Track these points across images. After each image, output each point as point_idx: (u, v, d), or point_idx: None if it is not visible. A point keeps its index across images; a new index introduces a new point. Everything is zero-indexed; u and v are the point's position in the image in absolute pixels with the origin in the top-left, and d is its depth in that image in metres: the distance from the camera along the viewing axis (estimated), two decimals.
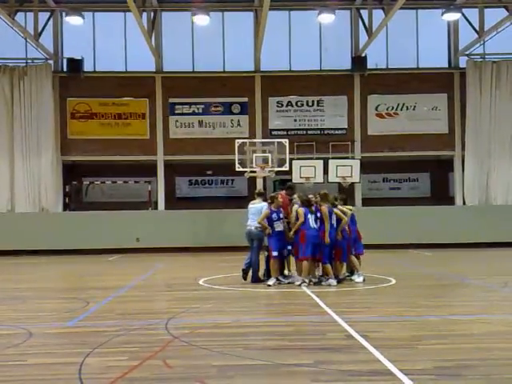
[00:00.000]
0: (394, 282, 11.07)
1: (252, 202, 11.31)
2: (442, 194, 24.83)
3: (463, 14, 22.19)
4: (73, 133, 23.40)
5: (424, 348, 5.62)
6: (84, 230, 21.33)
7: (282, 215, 10.83)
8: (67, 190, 23.88)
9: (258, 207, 11.01)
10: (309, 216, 10.46)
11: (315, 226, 10.48)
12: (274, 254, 10.62)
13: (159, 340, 6.09)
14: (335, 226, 10.68)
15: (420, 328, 6.66)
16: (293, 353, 5.51)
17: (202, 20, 21.09)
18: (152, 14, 22.54)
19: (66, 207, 23.61)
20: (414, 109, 23.71)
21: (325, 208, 10.63)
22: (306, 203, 10.66)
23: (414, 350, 5.54)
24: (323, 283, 10.52)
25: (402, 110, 23.74)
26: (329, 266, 10.56)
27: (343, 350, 5.57)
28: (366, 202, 23.22)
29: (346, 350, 5.60)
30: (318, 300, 8.75)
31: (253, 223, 10.95)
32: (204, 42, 23.52)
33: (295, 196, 11.42)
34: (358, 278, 11.01)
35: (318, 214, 10.66)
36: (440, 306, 8.29)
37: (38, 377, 4.85)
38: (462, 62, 23.82)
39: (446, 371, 4.83)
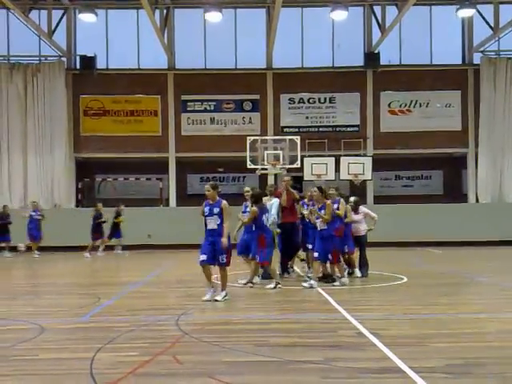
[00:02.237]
0: (405, 279, 11.02)
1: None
2: (454, 192, 24.65)
3: (478, 10, 22.01)
4: (85, 130, 23.55)
5: (435, 346, 5.59)
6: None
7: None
8: (80, 186, 24.04)
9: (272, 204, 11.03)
10: (264, 218, 10.00)
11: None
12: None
13: (170, 336, 6.11)
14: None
15: (431, 326, 6.62)
16: (303, 350, 5.50)
17: (214, 17, 21.10)
18: (164, 11, 22.60)
19: (78, 204, 23.77)
20: (427, 106, 23.56)
21: (343, 204, 10.72)
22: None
23: (425, 348, 5.51)
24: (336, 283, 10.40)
25: (415, 106, 23.60)
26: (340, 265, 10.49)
27: (353, 348, 5.55)
28: (378, 199, 23.13)
29: (357, 347, 5.58)
30: (328, 297, 8.73)
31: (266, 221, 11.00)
32: (216, 39, 23.53)
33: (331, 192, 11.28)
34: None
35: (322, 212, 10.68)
36: (452, 304, 8.23)
37: (50, 371, 4.89)
38: (476, 58, 23.65)
39: (457, 369, 4.80)
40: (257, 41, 23.63)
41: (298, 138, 20.22)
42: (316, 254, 10.02)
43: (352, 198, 11.88)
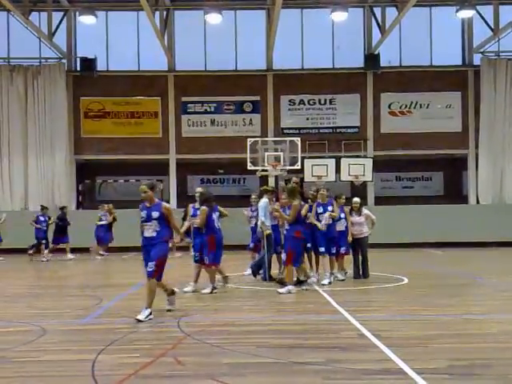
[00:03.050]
0: (406, 281, 11.02)
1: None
2: (455, 193, 24.64)
3: (477, 11, 22.00)
4: (86, 132, 23.55)
5: (437, 347, 5.58)
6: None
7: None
8: (80, 188, 24.06)
9: (259, 205, 11.09)
10: (214, 216, 9.57)
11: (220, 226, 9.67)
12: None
13: (171, 337, 6.12)
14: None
15: (433, 327, 6.62)
16: (305, 351, 5.50)
17: (214, 18, 21.11)
18: (165, 12, 22.60)
19: (79, 205, 23.78)
20: (427, 107, 23.56)
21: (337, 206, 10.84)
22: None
23: (427, 349, 5.51)
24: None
25: (415, 108, 23.60)
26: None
27: (355, 349, 5.56)
28: (379, 200, 23.13)
29: (358, 348, 5.58)
30: (330, 299, 8.73)
31: (258, 222, 11.06)
32: (216, 41, 23.52)
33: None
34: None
35: (330, 208, 10.76)
36: (453, 305, 8.23)
37: (52, 373, 4.89)
38: (477, 59, 23.63)
39: (460, 370, 4.80)
40: (257, 42, 23.62)
41: (298, 140, 20.23)
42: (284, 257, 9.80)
43: (356, 199, 11.70)
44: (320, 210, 10.80)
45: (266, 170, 19.80)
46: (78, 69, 23.48)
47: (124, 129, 23.46)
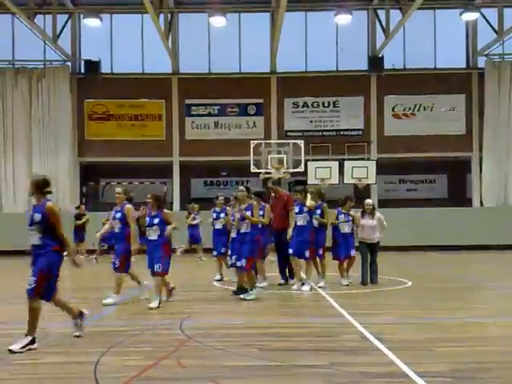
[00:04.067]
0: (409, 284, 10.99)
1: None
2: (459, 196, 24.58)
3: (482, 14, 21.99)
4: (90, 134, 23.61)
5: (440, 350, 5.56)
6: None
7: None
8: (84, 190, 24.10)
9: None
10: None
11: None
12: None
13: (174, 340, 6.11)
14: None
15: (436, 330, 6.60)
16: (307, 354, 5.49)
17: (218, 21, 21.15)
18: (169, 15, 22.64)
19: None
20: (431, 109, 23.52)
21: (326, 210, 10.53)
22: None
23: (430, 353, 5.49)
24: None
25: (419, 110, 23.57)
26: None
27: (358, 352, 5.54)
28: (383, 203, 23.03)
29: (361, 351, 5.57)
30: (332, 302, 8.71)
31: None
32: (220, 44, 23.55)
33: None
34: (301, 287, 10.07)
35: (318, 211, 10.36)
36: (456, 309, 8.20)
37: (54, 376, 4.89)
38: (481, 62, 23.59)
39: (462, 374, 4.78)
40: (261, 45, 23.63)
41: (301, 142, 20.23)
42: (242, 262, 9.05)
43: (368, 201, 11.03)
44: (296, 209, 10.14)
45: (270, 173, 19.79)
46: (83, 71, 23.55)
47: (128, 131, 23.50)
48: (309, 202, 10.07)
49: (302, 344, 5.93)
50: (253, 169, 19.87)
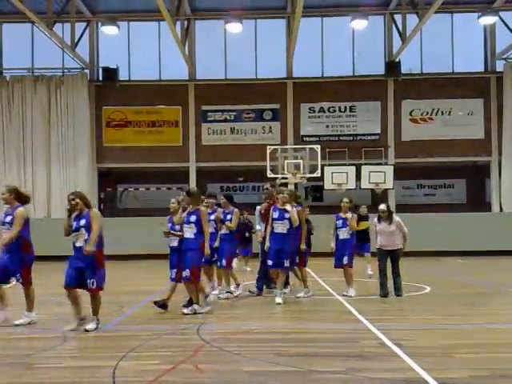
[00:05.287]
0: (428, 289, 10.89)
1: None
2: (478, 201, 24.31)
3: (500, 17, 21.78)
4: (108, 141, 23.84)
5: (459, 357, 5.50)
6: (118, 236, 21.56)
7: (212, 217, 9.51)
8: (102, 196, 24.31)
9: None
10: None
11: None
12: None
13: (191, 345, 6.13)
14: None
15: (455, 336, 6.52)
16: (324, 360, 5.46)
17: (234, 28, 21.28)
18: (185, 22, 22.80)
19: (100, 213, 23.95)
20: (449, 114, 23.35)
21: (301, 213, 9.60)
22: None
23: (449, 359, 5.43)
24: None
25: (436, 115, 23.41)
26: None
27: (376, 358, 5.50)
28: (400, 208, 22.82)
29: (379, 357, 5.52)
30: (350, 307, 8.66)
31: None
32: (236, 50, 23.68)
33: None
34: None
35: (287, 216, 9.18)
36: (476, 315, 8.10)
37: (73, 379, 4.94)
38: (499, 65, 23.37)
39: (483, 381, 4.72)
40: (277, 50, 23.69)
41: (318, 147, 20.19)
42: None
43: (382, 207, 10.15)
44: (275, 215, 9.31)
45: (286, 178, 19.79)
46: (100, 79, 23.82)
47: (145, 137, 23.68)
48: (353, 222, 9.94)
49: (320, 349, 5.90)
50: (269, 174, 19.89)
